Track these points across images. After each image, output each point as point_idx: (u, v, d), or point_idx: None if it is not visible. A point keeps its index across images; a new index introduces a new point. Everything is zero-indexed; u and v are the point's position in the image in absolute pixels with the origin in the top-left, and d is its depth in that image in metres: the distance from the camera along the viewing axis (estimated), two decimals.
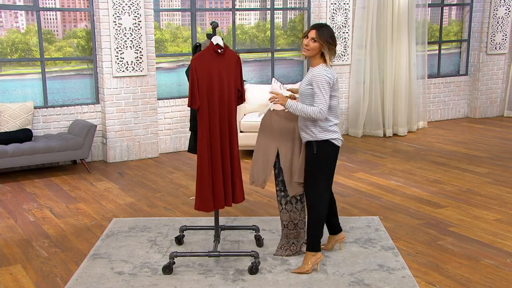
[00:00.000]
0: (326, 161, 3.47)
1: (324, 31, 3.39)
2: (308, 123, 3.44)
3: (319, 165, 3.46)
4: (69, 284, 3.37)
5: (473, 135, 7.83)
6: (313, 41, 3.37)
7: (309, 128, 3.44)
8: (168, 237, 4.10)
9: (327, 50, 3.38)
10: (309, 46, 3.38)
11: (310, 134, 3.45)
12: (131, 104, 6.45)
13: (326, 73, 3.35)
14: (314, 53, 3.40)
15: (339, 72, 7.72)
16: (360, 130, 7.77)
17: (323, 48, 3.37)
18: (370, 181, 5.60)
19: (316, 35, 3.36)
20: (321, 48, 3.38)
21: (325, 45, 3.37)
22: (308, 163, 3.50)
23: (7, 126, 5.79)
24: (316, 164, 3.47)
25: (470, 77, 9.12)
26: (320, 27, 3.41)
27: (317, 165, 3.46)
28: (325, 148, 3.44)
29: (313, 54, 3.40)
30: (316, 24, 3.48)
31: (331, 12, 7.48)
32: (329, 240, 3.84)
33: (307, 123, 3.45)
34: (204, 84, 3.38)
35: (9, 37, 6.12)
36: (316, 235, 3.51)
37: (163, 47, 6.93)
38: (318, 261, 3.51)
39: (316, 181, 3.48)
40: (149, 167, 6.23)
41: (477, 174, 5.83)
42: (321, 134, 3.42)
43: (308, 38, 3.38)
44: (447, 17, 9.01)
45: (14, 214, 4.70)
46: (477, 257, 3.76)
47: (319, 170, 3.47)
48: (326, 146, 3.44)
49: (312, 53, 3.40)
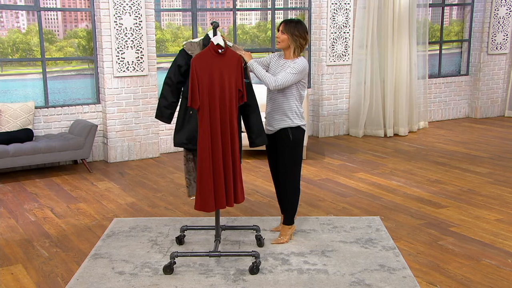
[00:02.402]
0: (300, 145, 3.87)
1: (291, 24, 3.76)
2: (286, 110, 3.78)
3: (297, 149, 3.85)
4: (70, 284, 3.37)
5: (474, 135, 7.82)
6: (282, 33, 3.77)
7: (287, 114, 3.79)
8: (169, 237, 4.10)
9: (292, 41, 3.74)
10: (279, 38, 3.78)
11: (286, 121, 3.79)
12: (132, 104, 6.45)
13: (306, 63, 3.75)
14: (284, 44, 3.77)
15: (339, 72, 7.72)
16: (361, 130, 7.76)
17: (289, 40, 3.74)
18: (371, 181, 5.60)
19: (283, 28, 3.76)
20: (288, 40, 3.74)
21: (290, 37, 3.74)
22: (285, 151, 3.84)
23: (8, 126, 5.79)
24: (294, 150, 3.84)
25: (471, 77, 9.12)
26: (289, 21, 3.79)
27: (296, 150, 3.84)
28: (298, 133, 3.84)
29: (283, 46, 3.78)
30: (287, 19, 3.85)
31: (332, 12, 7.48)
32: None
33: (285, 110, 3.78)
34: (205, 84, 3.38)
35: (10, 37, 6.12)
36: (294, 210, 3.99)
37: (164, 47, 6.93)
38: (292, 232, 4.01)
39: (296, 166, 3.88)
40: (150, 167, 6.23)
41: (478, 174, 5.83)
42: (296, 120, 3.81)
43: (279, 31, 3.79)
44: (448, 17, 9.01)
45: (15, 214, 4.71)
46: (478, 257, 3.76)
47: (297, 154, 3.86)
48: (298, 131, 3.83)
49: (282, 44, 3.77)
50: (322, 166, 6.19)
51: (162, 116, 3.76)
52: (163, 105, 3.72)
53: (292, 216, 3.99)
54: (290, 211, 3.97)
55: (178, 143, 3.71)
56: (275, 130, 3.85)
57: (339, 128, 7.92)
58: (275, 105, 3.83)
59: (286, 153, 3.85)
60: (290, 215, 3.98)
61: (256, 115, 3.73)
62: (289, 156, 3.84)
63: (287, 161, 3.85)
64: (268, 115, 3.88)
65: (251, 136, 3.75)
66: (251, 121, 3.73)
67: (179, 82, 3.64)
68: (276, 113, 3.82)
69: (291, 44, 3.75)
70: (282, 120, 3.81)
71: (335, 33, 7.56)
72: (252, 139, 3.75)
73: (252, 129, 3.73)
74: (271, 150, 3.99)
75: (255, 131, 3.73)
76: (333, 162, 6.35)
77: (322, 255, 3.76)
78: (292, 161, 3.85)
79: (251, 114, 3.71)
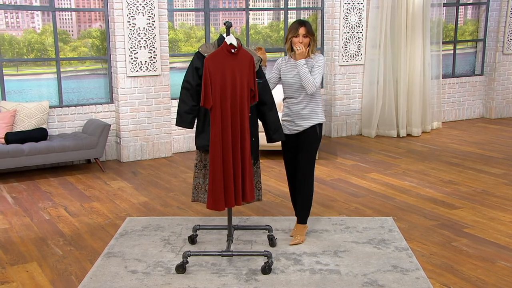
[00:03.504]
0: (320, 141, 3.94)
1: (309, 24, 3.80)
2: (314, 107, 3.84)
3: (317, 146, 3.91)
4: (84, 282, 3.40)
5: (489, 136, 7.74)
6: (305, 37, 3.77)
7: (315, 111, 3.85)
8: (181, 236, 4.11)
9: (312, 41, 3.79)
10: (304, 42, 3.77)
11: (315, 119, 3.84)
12: (144, 103, 6.48)
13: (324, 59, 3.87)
14: (306, 48, 3.80)
15: (352, 72, 7.68)
16: (373, 130, 7.72)
17: (311, 40, 3.78)
18: (384, 181, 5.56)
19: (306, 31, 3.77)
20: (310, 41, 3.79)
21: (312, 38, 3.78)
22: (310, 148, 3.86)
23: (23, 125, 5.85)
24: (316, 146, 3.89)
25: (485, 77, 9.02)
26: (305, 22, 3.81)
27: (316, 146, 3.90)
28: (322, 129, 3.94)
29: (307, 48, 3.80)
30: (298, 20, 3.84)
31: (345, 11, 7.45)
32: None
33: (313, 107, 3.83)
34: (217, 83, 3.38)
35: (26, 37, 6.19)
36: (309, 209, 4.03)
37: (177, 47, 6.96)
38: (306, 230, 4.05)
39: (313, 162, 3.92)
40: (162, 167, 6.26)
41: (492, 175, 5.76)
42: (322, 116, 3.91)
43: (300, 36, 3.76)
44: (463, 17, 8.92)
45: (29, 212, 4.76)
46: (493, 259, 3.72)
47: (315, 151, 3.92)
48: (322, 127, 3.93)
49: (305, 48, 3.79)
50: (334, 166, 6.16)
51: (183, 122, 3.68)
52: (183, 111, 3.65)
53: (306, 214, 4.02)
54: (307, 209, 4.01)
55: (202, 147, 3.69)
56: (304, 128, 3.85)
57: (351, 128, 7.88)
58: (304, 103, 3.84)
59: (311, 150, 3.87)
60: (307, 214, 4.01)
61: (273, 112, 3.78)
62: (313, 153, 3.88)
63: (311, 158, 3.88)
64: (295, 114, 3.87)
65: (268, 132, 3.80)
66: (268, 118, 3.77)
67: (198, 84, 3.60)
68: (306, 111, 3.84)
69: (311, 44, 3.80)
70: (311, 117, 3.84)
71: (348, 33, 7.52)
72: (269, 135, 3.81)
73: (270, 126, 3.78)
74: (290, 149, 3.97)
75: (272, 127, 3.78)
76: (346, 162, 6.32)
77: (334, 255, 3.75)
78: (313, 157, 3.90)
79: (268, 111, 3.76)
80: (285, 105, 3.97)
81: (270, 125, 3.77)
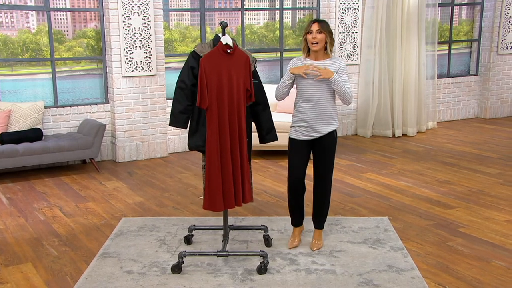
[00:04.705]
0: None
1: (325, 22, 3.65)
2: (331, 112, 3.69)
3: (335, 150, 3.77)
4: (79, 282, 3.39)
5: (484, 136, 7.77)
6: (319, 33, 3.60)
7: (332, 116, 3.71)
8: (177, 236, 4.11)
9: (329, 39, 3.63)
10: (317, 38, 3.59)
11: (333, 124, 3.71)
12: (140, 103, 6.47)
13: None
14: (322, 44, 3.62)
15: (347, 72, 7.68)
16: (369, 130, 7.74)
17: (327, 37, 3.62)
18: (379, 181, 5.57)
19: (319, 27, 3.59)
20: (325, 38, 3.62)
21: (328, 34, 3.62)
22: (330, 154, 3.74)
23: (18, 125, 5.83)
24: (334, 151, 3.76)
25: (480, 77, 9.06)
26: (320, 20, 3.66)
27: (334, 151, 3.77)
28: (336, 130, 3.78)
29: (321, 46, 3.63)
30: (313, 19, 3.75)
31: (340, 11, 7.46)
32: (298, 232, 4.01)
33: (331, 112, 3.69)
34: (213, 83, 3.38)
35: (20, 37, 6.16)
36: (327, 214, 3.95)
37: (172, 47, 6.95)
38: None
39: (333, 167, 3.82)
40: (158, 167, 6.25)
41: (487, 174, 5.79)
42: (337, 121, 3.76)
43: (313, 32, 3.60)
44: (457, 17, 8.95)
45: (24, 212, 4.74)
46: (488, 259, 3.73)
47: (334, 155, 3.79)
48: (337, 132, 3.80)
49: (321, 45, 3.62)
50: None
51: (177, 122, 3.62)
52: (178, 111, 3.59)
53: (325, 219, 3.95)
54: (327, 214, 3.94)
55: (194, 147, 3.63)
56: (322, 134, 3.68)
57: (347, 128, 7.90)
58: (322, 108, 3.66)
59: (330, 156, 3.75)
60: (323, 218, 3.92)
61: (267, 112, 3.77)
62: (332, 158, 3.76)
63: (331, 164, 3.78)
64: (313, 119, 3.66)
65: (261, 132, 3.78)
66: (261, 118, 3.76)
67: (193, 84, 3.55)
68: (324, 116, 3.67)
69: (328, 42, 3.63)
70: (330, 123, 3.69)
71: (343, 33, 7.54)
72: (262, 136, 3.79)
73: (263, 126, 3.77)
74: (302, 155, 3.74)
75: (265, 127, 3.77)
76: (341, 162, 6.33)
77: (330, 255, 3.75)
78: (333, 163, 3.80)
79: (261, 112, 3.75)
80: (300, 110, 3.70)
81: (263, 125, 3.76)
